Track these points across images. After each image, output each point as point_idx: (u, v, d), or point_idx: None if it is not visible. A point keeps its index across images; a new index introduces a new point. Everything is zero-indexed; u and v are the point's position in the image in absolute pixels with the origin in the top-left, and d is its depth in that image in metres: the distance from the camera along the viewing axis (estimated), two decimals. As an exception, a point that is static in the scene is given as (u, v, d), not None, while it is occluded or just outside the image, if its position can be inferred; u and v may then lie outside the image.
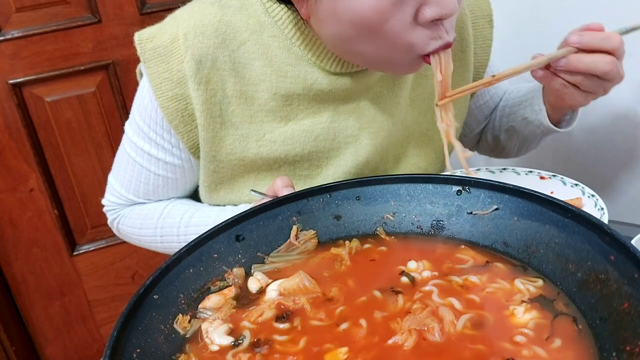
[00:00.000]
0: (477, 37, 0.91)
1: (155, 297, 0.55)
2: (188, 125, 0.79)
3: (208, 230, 0.63)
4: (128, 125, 0.87)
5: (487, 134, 1.06)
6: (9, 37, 1.51)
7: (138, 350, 0.50)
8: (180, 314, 0.57)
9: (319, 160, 0.84)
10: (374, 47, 0.69)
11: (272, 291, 0.59)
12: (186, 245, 0.61)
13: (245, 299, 0.60)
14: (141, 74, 0.84)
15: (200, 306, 0.59)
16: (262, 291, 0.60)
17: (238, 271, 0.63)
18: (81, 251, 1.78)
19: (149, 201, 0.91)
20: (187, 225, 0.86)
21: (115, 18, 1.57)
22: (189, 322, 0.57)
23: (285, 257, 0.65)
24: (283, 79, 0.79)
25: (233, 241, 0.64)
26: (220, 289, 0.61)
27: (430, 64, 0.70)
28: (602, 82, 0.74)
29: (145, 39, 0.78)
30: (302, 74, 0.78)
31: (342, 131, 0.83)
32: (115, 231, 0.98)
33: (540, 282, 0.55)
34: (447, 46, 0.69)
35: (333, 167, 0.85)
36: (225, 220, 0.64)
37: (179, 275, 0.59)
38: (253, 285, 0.61)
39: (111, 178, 0.92)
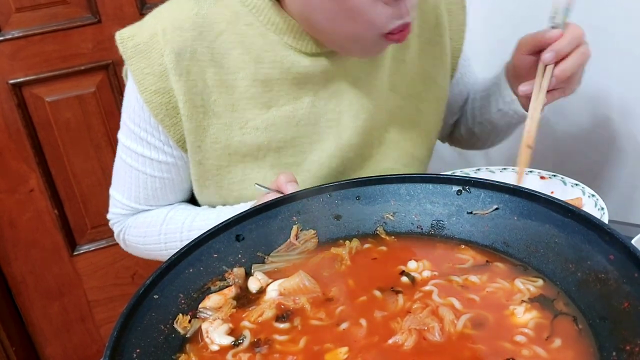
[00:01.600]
0: (452, 22, 0.93)
1: (155, 297, 0.55)
2: (173, 118, 0.81)
3: (208, 230, 0.63)
4: (120, 133, 0.89)
5: (460, 127, 1.07)
6: (9, 37, 1.51)
7: (138, 350, 0.50)
8: (180, 314, 0.57)
9: (303, 145, 0.85)
10: (339, 22, 0.72)
11: (272, 291, 0.59)
12: (186, 245, 0.61)
13: (245, 299, 0.60)
14: (127, 76, 0.85)
15: (200, 306, 0.59)
16: (262, 291, 0.60)
17: (238, 271, 0.63)
18: (81, 251, 1.78)
19: (150, 207, 0.92)
20: (190, 229, 0.86)
21: (115, 18, 1.57)
22: (189, 322, 0.57)
23: (285, 257, 0.65)
24: (261, 65, 0.80)
25: (233, 241, 0.64)
26: (220, 288, 0.61)
27: (393, 41, 0.73)
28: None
29: (127, 37, 0.80)
30: (278, 58, 0.80)
31: (323, 115, 0.84)
32: (122, 244, 0.98)
33: (540, 281, 0.55)
34: (406, 26, 0.72)
35: (318, 152, 0.86)
36: (225, 220, 0.64)
37: (178, 275, 0.59)
38: (253, 285, 0.61)
39: (112, 190, 0.94)
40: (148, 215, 0.91)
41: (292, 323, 0.55)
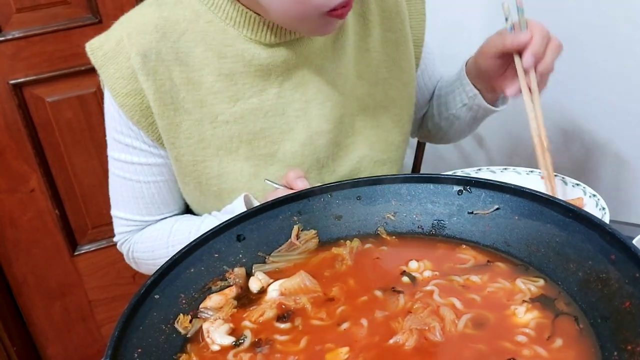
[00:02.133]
0: (412, 12, 0.95)
1: (157, 296, 0.55)
2: (149, 118, 0.83)
3: (209, 230, 0.63)
4: (108, 149, 0.90)
5: (428, 122, 1.10)
6: (10, 37, 1.51)
7: (139, 350, 0.51)
8: (181, 314, 0.57)
9: (273, 136, 0.87)
10: (283, 3, 0.73)
11: (273, 291, 0.59)
12: (187, 245, 0.61)
13: (246, 299, 0.60)
14: (104, 87, 0.87)
15: (201, 306, 0.59)
16: (263, 291, 0.60)
17: (239, 271, 0.63)
18: (82, 251, 1.78)
19: (153, 217, 0.92)
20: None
21: (115, 18, 1.53)
22: (190, 321, 0.57)
23: (286, 257, 0.65)
24: (224, 60, 0.83)
25: (234, 241, 0.64)
26: (221, 288, 0.61)
27: (336, 17, 0.74)
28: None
29: (96, 47, 0.84)
30: (239, 52, 0.82)
31: (290, 105, 0.86)
32: (133, 265, 0.98)
33: (541, 281, 0.55)
34: (347, 3, 0.73)
35: (289, 142, 0.87)
36: (226, 220, 0.64)
37: (179, 275, 0.59)
38: (254, 285, 0.61)
39: (113, 211, 0.95)
40: (153, 230, 0.92)
41: (293, 323, 0.55)
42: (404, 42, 0.93)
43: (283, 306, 0.57)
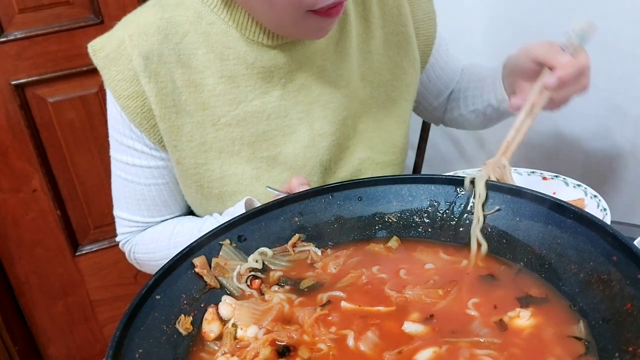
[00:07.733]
0: (416, 12, 0.94)
1: (158, 297, 0.56)
2: (150, 120, 0.83)
3: (211, 231, 0.63)
4: (111, 149, 0.90)
5: (453, 111, 1.08)
6: (12, 38, 1.51)
7: (140, 351, 0.51)
8: (182, 314, 0.57)
9: (275, 139, 0.86)
10: (268, 3, 0.72)
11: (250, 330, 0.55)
12: (189, 245, 0.61)
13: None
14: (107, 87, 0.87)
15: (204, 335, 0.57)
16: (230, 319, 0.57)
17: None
18: (84, 251, 1.78)
19: (154, 218, 0.92)
20: None
21: (117, 19, 1.53)
22: (191, 323, 0.57)
23: (274, 260, 0.65)
24: (226, 62, 0.82)
25: (235, 241, 0.64)
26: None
27: (327, 17, 0.72)
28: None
29: (98, 49, 0.84)
30: (242, 54, 0.82)
31: (292, 107, 0.86)
32: (135, 264, 0.98)
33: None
34: (339, 3, 0.71)
35: (291, 144, 0.87)
36: (228, 221, 0.65)
37: (181, 275, 0.59)
38: (224, 311, 0.58)
39: (115, 211, 0.95)
40: (155, 231, 0.92)
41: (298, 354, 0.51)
42: (407, 44, 0.93)
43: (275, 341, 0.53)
